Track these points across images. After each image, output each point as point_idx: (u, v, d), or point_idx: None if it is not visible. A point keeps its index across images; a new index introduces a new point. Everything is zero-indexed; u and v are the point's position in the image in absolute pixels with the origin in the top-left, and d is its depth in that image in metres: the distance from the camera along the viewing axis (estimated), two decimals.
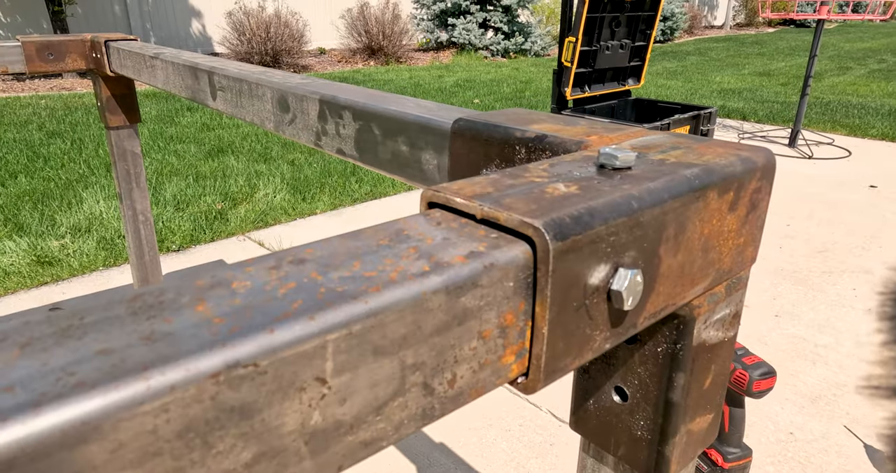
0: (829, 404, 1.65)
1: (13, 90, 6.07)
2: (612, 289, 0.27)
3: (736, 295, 0.38)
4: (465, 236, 0.25)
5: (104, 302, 0.19)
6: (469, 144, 0.45)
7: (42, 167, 3.52)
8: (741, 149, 0.36)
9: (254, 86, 0.74)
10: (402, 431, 0.22)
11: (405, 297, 0.21)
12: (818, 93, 6.08)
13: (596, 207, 0.26)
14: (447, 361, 0.23)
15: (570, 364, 0.27)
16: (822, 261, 2.52)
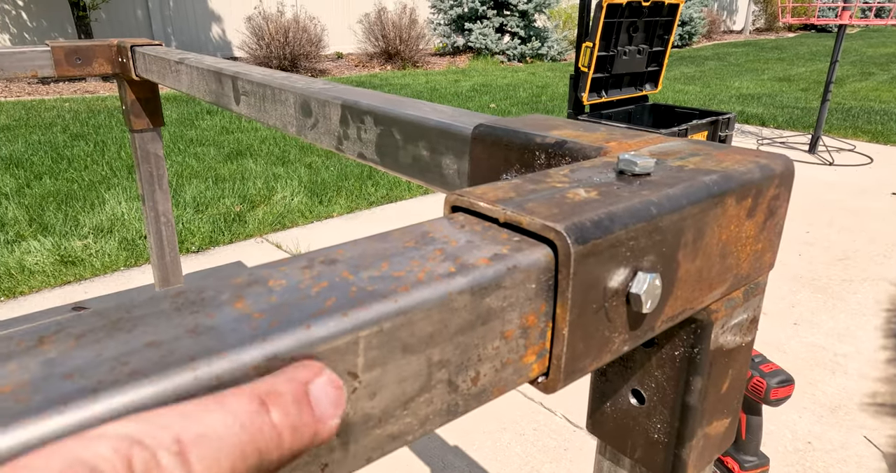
0: (848, 414, 1.63)
1: (38, 93, 6.20)
2: (630, 292, 0.27)
3: (754, 301, 0.39)
4: (488, 239, 0.26)
5: (151, 301, 0.20)
6: (489, 150, 0.46)
7: (66, 168, 3.59)
8: (760, 156, 0.36)
9: (277, 91, 0.75)
10: (428, 426, 0.23)
11: (432, 297, 0.22)
12: (839, 99, 6.00)
13: (616, 212, 0.26)
14: (471, 359, 0.24)
15: (589, 365, 0.28)
16: (843, 269, 2.48)
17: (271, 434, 0.15)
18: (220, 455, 0.14)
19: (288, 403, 0.16)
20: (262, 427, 0.15)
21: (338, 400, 0.17)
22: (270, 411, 0.15)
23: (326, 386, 0.17)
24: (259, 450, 0.15)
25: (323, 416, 0.17)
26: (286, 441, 0.15)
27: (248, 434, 0.14)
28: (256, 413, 0.15)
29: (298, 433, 0.16)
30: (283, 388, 0.16)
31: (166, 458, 0.13)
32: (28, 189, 3.24)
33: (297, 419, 0.16)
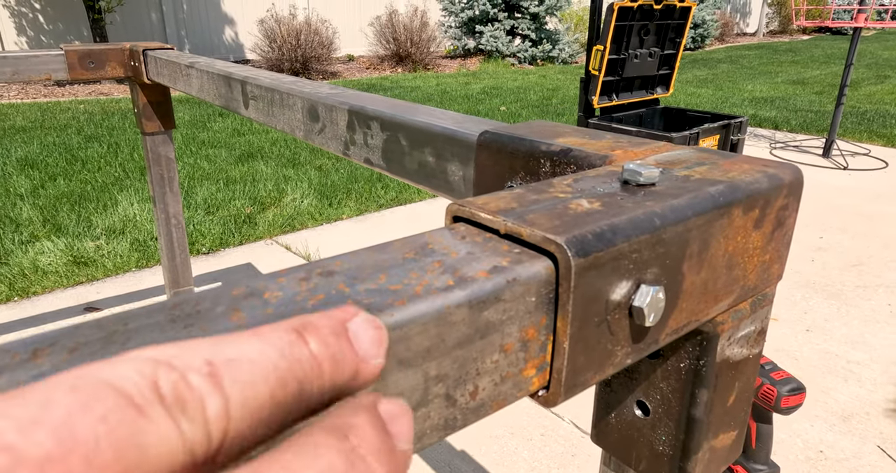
0: (861, 423, 1.60)
1: (54, 95, 6.28)
2: (633, 306, 0.27)
3: (761, 312, 0.38)
4: (488, 251, 0.25)
5: (145, 311, 0.20)
6: (494, 157, 0.46)
7: (80, 170, 3.63)
8: (768, 165, 0.36)
9: (285, 95, 0.75)
10: (425, 441, 0.23)
11: (429, 311, 0.21)
12: (854, 103, 5.94)
13: (618, 224, 0.26)
14: (469, 373, 0.23)
15: (591, 378, 0.27)
16: (857, 275, 2.45)
17: (311, 363, 0.14)
18: (257, 379, 0.13)
19: (326, 335, 0.15)
20: (300, 357, 0.14)
21: (379, 340, 0.16)
22: (308, 342, 0.14)
23: (365, 324, 0.16)
24: (299, 380, 0.13)
25: (365, 354, 0.16)
26: (327, 373, 0.14)
27: (287, 362, 0.13)
28: (294, 343, 0.14)
29: (339, 366, 0.15)
30: (321, 322, 0.15)
31: (197, 379, 0.12)
32: (42, 190, 3.28)
33: (338, 350, 0.15)
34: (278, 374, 0.13)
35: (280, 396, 0.13)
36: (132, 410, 0.11)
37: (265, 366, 0.13)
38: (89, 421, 0.10)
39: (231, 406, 0.12)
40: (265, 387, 0.13)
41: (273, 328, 0.14)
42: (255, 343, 0.13)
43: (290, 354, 0.14)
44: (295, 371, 0.14)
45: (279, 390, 0.13)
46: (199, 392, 0.12)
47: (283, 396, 0.13)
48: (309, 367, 0.14)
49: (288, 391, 0.13)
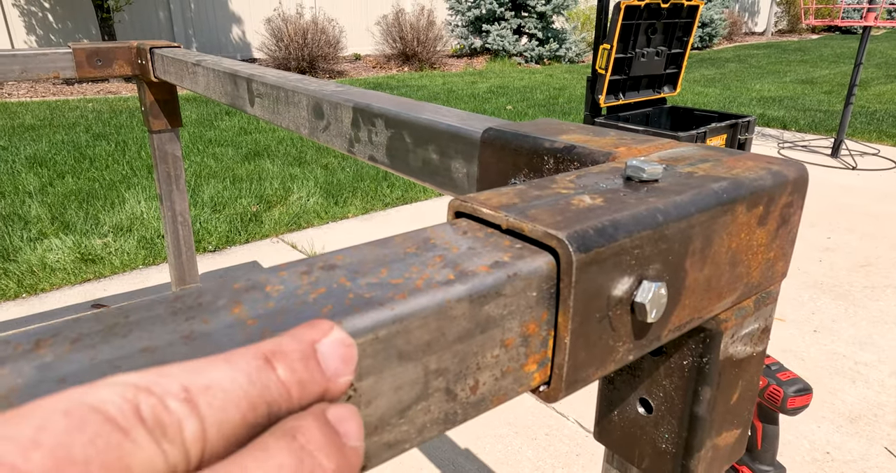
0: (869, 424, 1.59)
1: (63, 94, 6.32)
2: (635, 302, 0.27)
3: (765, 310, 0.38)
4: (490, 246, 0.25)
5: (147, 303, 0.20)
6: (498, 154, 0.46)
7: (88, 168, 3.65)
8: (772, 162, 0.35)
9: (290, 93, 0.76)
10: (425, 434, 0.23)
11: (430, 305, 0.21)
12: (864, 102, 5.89)
13: (620, 220, 0.26)
14: (470, 368, 0.23)
15: (593, 374, 0.27)
16: (865, 276, 2.43)
17: (279, 389, 0.15)
18: (229, 404, 0.14)
19: (294, 360, 0.16)
20: (268, 383, 0.15)
21: (348, 357, 0.17)
22: (276, 368, 0.15)
23: (335, 344, 0.17)
24: (268, 403, 0.15)
25: (334, 374, 0.17)
26: (295, 397, 0.15)
27: (256, 389, 0.15)
28: (262, 370, 0.15)
29: (307, 389, 0.16)
30: (289, 347, 0.16)
31: (175, 404, 0.13)
32: (51, 187, 3.30)
33: (305, 375, 0.16)
34: (249, 400, 0.14)
35: (251, 418, 0.14)
36: (118, 433, 0.12)
37: (237, 393, 0.14)
38: (81, 443, 0.11)
39: (207, 428, 0.13)
40: (237, 412, 0.14)
41: (242, 354, 0.15)
42: (227, 370, 0.14)
43: (258, 380, 0.15)
44: (265, 396, 0.15)
45: (250, 413, 0.14)
46: (178, 415, 0.13)
47: (253, 418, 0.14)
48: (277, 392, 0.15)
49: (258, 413, 0.14)
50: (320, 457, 0.14)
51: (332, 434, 0.15)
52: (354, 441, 0.16)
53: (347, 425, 0.16)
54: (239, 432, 0.14)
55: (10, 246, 2.59)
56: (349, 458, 0.15)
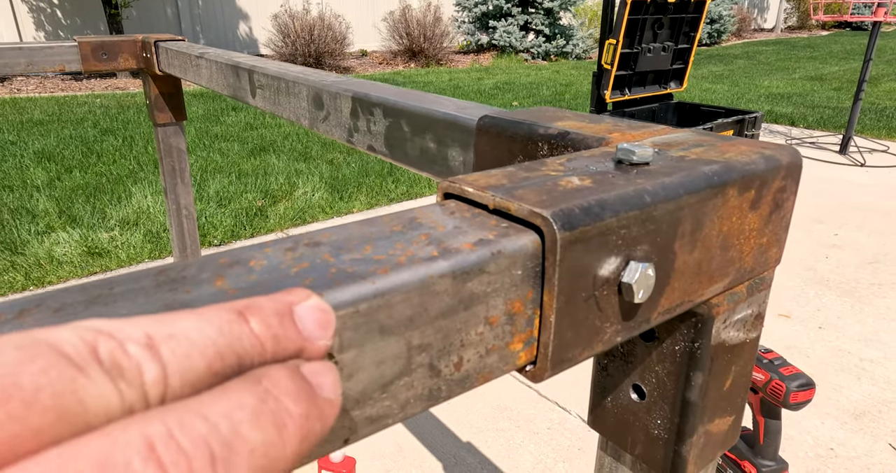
0: (873, 421, 1.58)
1: (71, 89, 6.36)
2: (622, 282, 0.27)
3: (758, 296, 0.38)
4: (476, 225, 0.25)
5: (132, 276, 0.21)
6: (493, 141, 0.46)
7: (95, 162, 3.67)
8: (766, 147, 0.35)
9: (291, 84, 0.76)
10: (408, 410, 0.23)
11: (412, 280, 0.21)
12: (873, 99, 5.84)
13: (607, 199, 0.26)
14: (454, 344, 0.23)
15: (580, 354, 0.27)
16: (872, 273, 2.42)
17: (251, 341, 0.15)
18: (193, 352, 0.14)
19: (268, 315, 0.16)
20: (240, 335, 0.15)
21: (325, 322, 0.17)
22: (249, 321, 0.15)
23: (312, 308, 0.17)
24: (238, 354, 0.14)
25: (310, 335, 0.17)
26: (269, 351, 0.15)
27: (225, 339, 0.14)
28: (234, 322, 0.15)
29: (281, 344, 0.16)
30: (264, 304, 0.16)
31: (135, 349, 0.13)
32: (59, 182, 3.32)
33: (280, 331, 0.16)
34: (217, 349, 0.14)
35: (218, 367, 0.14)
36: (72, 368, 0.12)
37: (203, 341, 0.14)
38: (31, 373, 0.11)
39: (169, 374, 0.13)
40: (202, 360, 0.14)
41: (215, 308, 0.15)
42: (195, 320, 0.14)
43: (228, 331, 0.15)
44: (234, 347, 0.14)
45: (217, 362, 0.14)
46: (137, 360, 0.13)
47: (221, 367, 0.14)
48: (249, 344, 0.15)
49: (227, 363, 0.14)
50: (286, 401, 0.14)
51: (303, 383, 0.15)
52: (329, 393, 0.16)
53: (321, 377, 0.16)
54: (205, 380, 0.14)
55: (18, 239, 2.61)
56: (321, 408, 0.15)
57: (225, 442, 0.12)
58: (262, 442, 0.13)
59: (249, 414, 0.13)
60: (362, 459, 1.43)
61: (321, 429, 0.15)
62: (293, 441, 0.14)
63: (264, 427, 0.13)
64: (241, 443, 0.13)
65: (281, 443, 0.13)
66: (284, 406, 0.14)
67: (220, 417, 0.13)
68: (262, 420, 0.13)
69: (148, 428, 0.11)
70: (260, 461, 0.13)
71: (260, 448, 0.13)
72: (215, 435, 0.12)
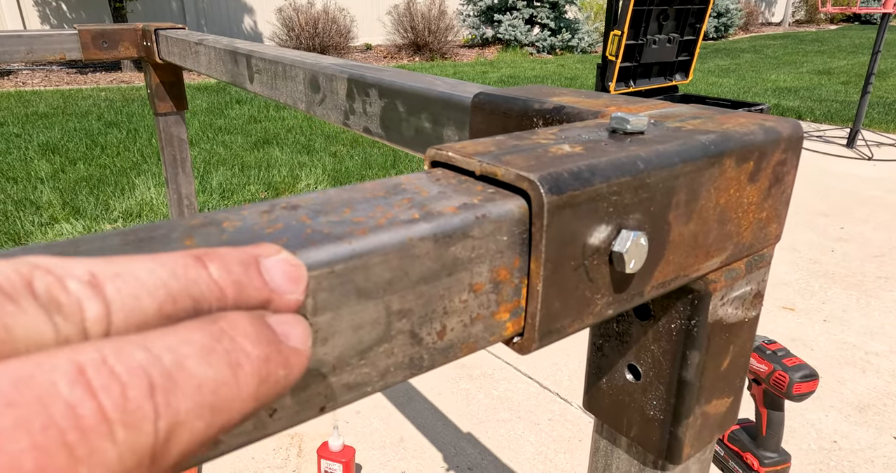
0: (878, 414, 1.57)
1: (76, 82, 6.37)
2: (613, 251, 0.26)
3: (757, 273, 0.37)
4: (461, 190, 0.25)
5: (100, 235, 0.20)
6: (488, 118, 0.45)
7: (99, 155, 3.68)
8: (766, 119, 0.34)
9: (288, 67, 0.75)
10: (389, 378, 0.22)
11: (390, 242, 0.21)
12: (882, 93, 5.78)
13: (597, 165, 0.25)
14: (436, 311, 0.23)
15: (569, 326, 0.27)
16: (878, 266, 2.39)
17: (209, 285, 0.14)
18: (142, 292, 0.13)
19: (231, 263, 0.15)
20: (196, 279, 0.14)
21: (295, 276, 0.16)
22: (208, 266, 0.14)
23: (282, 261, 0.16)
24: (194, 298, 0.14)
25: (278, 288, 0.16)
26: (229, 297, 0.14)
27: (179, 282, 0.14)
28: (191, 266, 0.14)
29: (244, 291, 0.15)
30: (227, 252, 0.15)
31: (75, 285, 0.12)
32: (63, 174, 3.33)
33: (243, 278, 0.15)
34: (168, 291, 0.13)
35: (170, 310, 0.13)
36: (2, 296, 0.11)
37: (153, 282, 0.13)
38: None
39: (113, 312, 0.12)
40: (151, 301, 0.13)
41: (172, 253, 0.15)
42: (148, 262, 0.14)
43: (183, 275, 0.14)
44: (190, 290, 0.14)
45: (169, 305, 0.13)
46: (77, 296, 0.12)
47: (173, 310, 0.13)
48: (207, 288, 0.14)
49: (180, 306, 0.13)
50: (243, 342, 0.13)
51: (265, 328, 0.14)
52: (295, 342, 0.15)
53: (288, 327, 0.15)
54: (155, 322, 0.13)
55: (22, 230, 2.62)
56: (286, 355, 0.14)
57: (167, 374, 0.12)
58: (212, 379, 0.12)
59: (198, 350, 0.12)
60: (362, 449, 1.43)
61: (285, 377, 0.14)
62: (249, 383, 0.13)
63: (215, 365, 0.12)
64: (187, 377, 0.12)
65: (235, 383, 0.13)
66: (241, 346, 0.13)
67: (163, 349, 0.12)
68: (212, 356, 0.13)
69: (79, 354, 0.11)
70: (209, 397, 0.12)
71: (209, 384, 0.12)
72: (156, 366, 0.11)
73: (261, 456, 1.42)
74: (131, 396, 0.11)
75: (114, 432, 0.10)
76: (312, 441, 1.45)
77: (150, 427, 0.11)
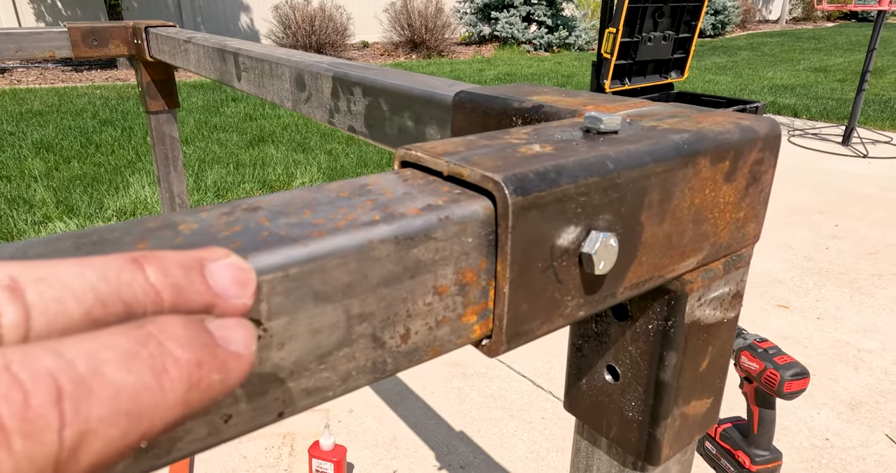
0: (870, 411, 1.57)
1: (71, 80, 6.35)
2: (582, 252, 0.26)
3: (736, 274, 0.37)
4: (427, 191, 0.24)
5: (53, 237, 0.20)
6: (469, 117, 0.45)
7: (94, 153, 3.66)
8: (742, 118, 0.34)
9: (274, 65, 0.75)
10: (351, 383, 0.22)
11: (349, 244, 0.20)
12: (878, 90, 5.79)
13: (565, 165, 0.25)
14: (399, 314, 0.22)
15: (538, 328, 0.26)
16: (872, 264, 2.40)
17: (144, 289, 0.14)
18: (68, 296, 0.12)
19: (170, 266, 0.14)
20: (129, 282, 0.13)
21: (242, 280, 0.16)
22: (145, 269, 0.14)
23: (228, 265, 0.16)
24: (125, 302, 0.13)
25: (223, 292, 0.15)
26: (166, 301, 0.14)
27: (110, 285, 0.13)
28: (124, 269, 0.14)
29: (183, 295, 0.14)
30: (168, 255, 0.15)
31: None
32: (56, 172, 3.32)
33: (183, 281, 0.14)
34: (97, 294, 0.13)
35: (99, 314, 0.13)
36: None
37: (80, 286, 0.13)
38: None
39: (33, 317, 0.12)
40: (77, 306, 0.12)
41: (106, 257, 0.14)
42: (76, 267, 0.13)
43: (115, 278, 0.13)
44: (122, 293, 0.13)
45: (98, 309, 0.13)
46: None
47: (102, 315, 0.13)
48: (141, 292, 0.14)
49: (110, 311, 0.13)
50: (171, 346, 0.13)
51: (200, 332, 0.14)
52: (237, 346, 0.14)
53: (229, 331, 0.14)
54: (82, 327, 0.12)
55: (15, 228, 2.61)
56: (222, 359, 0.14)
57: (78, 380, 0.11)
58: (132, 385, 0.12)
59: (119, 355, 0.12)
60: (355, 448, 1.43)
61: (221, 382, 0.14)
62: (176, 388, 0.13)
63: (135, 370, 0.12)
64: (102, 384, 0.11)
65: (158, 389, 0.12)
66: (168, 351, 0.13)
67: (79, 355, 0.11)
68: (133, 361, 0.12)
69: None
70: (126, 404, 0.12)
71: (127, 391, 0.12)
72: (66, 372, 0.11)
73: (252, 456, 1.42)
74: (34, 403, 0.10)
75: (10, 441, 0.10)
76: (305, 440, 1.45)
77: (52, 437, 0.10)
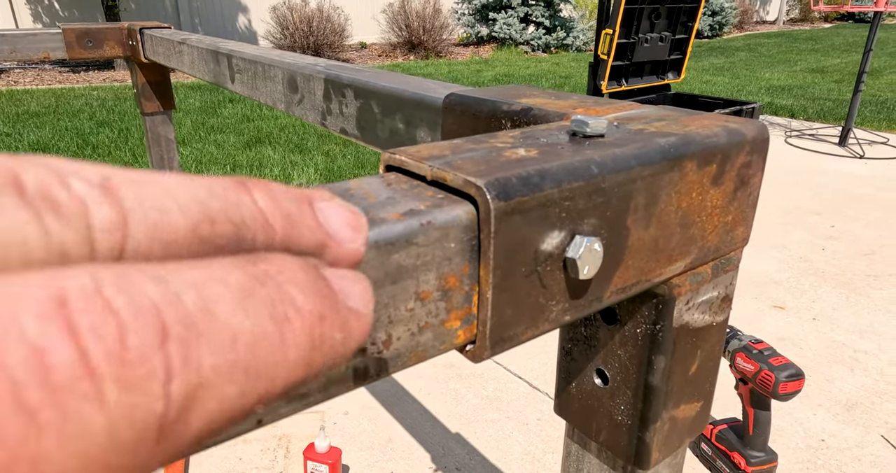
0: (866, 412, 1.58)
1: (69, 81, 6.33)
2: (566, 257, 0.26)
3: (724, 277, 0.37)
4: (410, 196, 0.24)
5: None
6: (459, 119, 0.45)
7: (90, 154, 3.66)
8: (730, 121, 0.34)
9: (267, 67, 0.75)
10: (332, 390, 0.22)
11: None
12: (874, 91, 5.80)
13: (548, 169, 0.25)
14: (380, 320, 0.22)
15: (522, 334, 0.26)
16: (868, 264, 2.40)
17: (253, 213, 0.11)
18: (172, 205, 0.10)
19: (281, 196, 0.12)
20: (238, 203, 0.11)
21: (357, 225, 0.14)
22: (253, 192, 0.12)
23: (339, 206, 0.13)
24: (235, 223, 0.11)
25: (335, 233, 0.13)
26: (277, 232, 0.12)
27: (218, 202, 0.11)
28: (231, 189, 0.11)
29: (296, 229, 0.12)
30: (275, 185, 0.12)
31: (80, 186, 0.09)
32: None
33: (296, 213, 0.12)
34: (204, 209, 0.11)
35: (206, 232, 0.10)
36: None
37: (185, 198, 0.10)
38: None
39: (131, 223, 0.09)
40: (183, 218, 0.10)
41: (207, 177, 0.12)
42: (178, 178, 0.11)
43: (223, 196, 0.11)
44: (230, 213, 0.11)
45: (205, 225, 0.10)
46: (82, 197, 0.09)
47: (209, 233, 0.10)
48: (250, 215, 0.11)
49: (218, 230, 0.11)
50: (292, 291, 0.10)
51: (321, 280, 0.11)
52: (356, 303, 0.12)
53: (347, 283, 0.12)
54: (187, 243, 0.10)
55: None
56: (344, 316, 0.11)
57: (187, 319, 0.09)
58: (249, 332, 0.09)
59: (235, 292, 0.10)
60: (350, 450, 1.43)
61: (343, 343, 0.11)
62: (300, 343, 0.10)
63: (254, 314, 0.10)
64: (216, 326, 0.09)
65: (280, 341, 0.10)
66: (289, 296, 0.10)
67: (186, 285, 0.09)
68: (252, 301, 0.10)
69: (63, 279, 0.08)
70: (244, 355, 0.09)
71: (244, 339, 0.09)
72: (174, 306, 0.09)
73: (248, 457, 1.41)
74: (132, 343, 0.08)
75: (103, 392, 0.07)
76: (300, 442, 1.45)
77: (157, 390, 0.08)
